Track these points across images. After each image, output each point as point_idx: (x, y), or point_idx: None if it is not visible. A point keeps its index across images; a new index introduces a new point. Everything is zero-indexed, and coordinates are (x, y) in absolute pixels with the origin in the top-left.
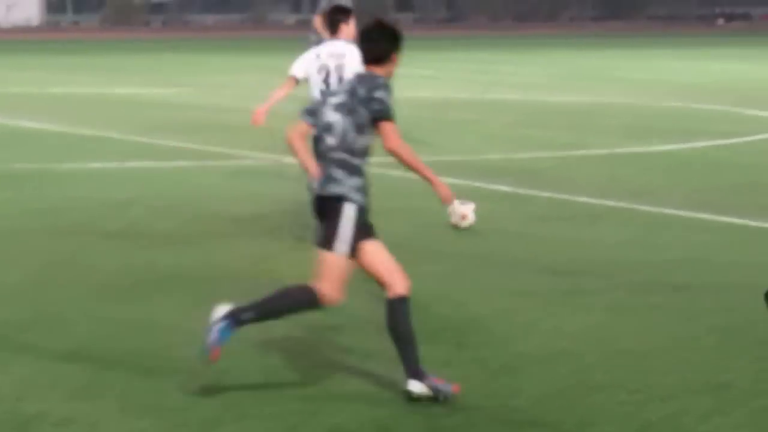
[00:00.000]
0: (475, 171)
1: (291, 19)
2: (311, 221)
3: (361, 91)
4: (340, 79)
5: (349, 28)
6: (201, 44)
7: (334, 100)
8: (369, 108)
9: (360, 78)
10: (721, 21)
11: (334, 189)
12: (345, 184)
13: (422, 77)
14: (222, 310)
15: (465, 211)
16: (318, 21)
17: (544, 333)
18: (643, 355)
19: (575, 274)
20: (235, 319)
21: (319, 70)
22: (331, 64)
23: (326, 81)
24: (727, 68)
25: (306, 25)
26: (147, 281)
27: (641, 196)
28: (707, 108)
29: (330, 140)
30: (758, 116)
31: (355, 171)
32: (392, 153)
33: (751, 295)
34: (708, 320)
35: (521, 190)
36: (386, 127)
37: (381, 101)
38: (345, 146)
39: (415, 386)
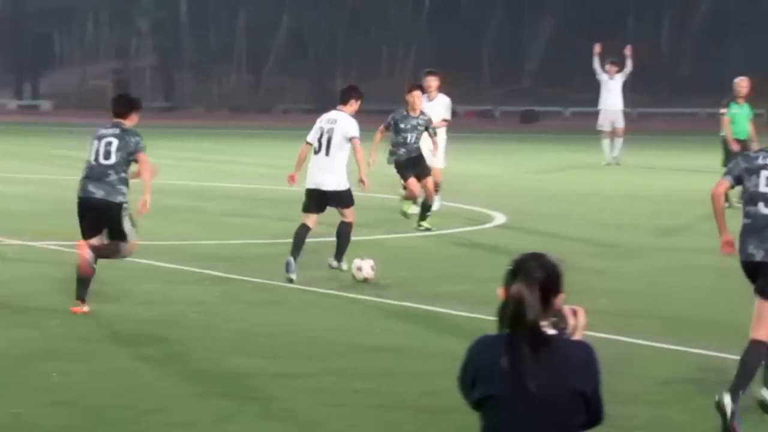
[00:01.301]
0: (188, 256)
1: (12, 104)
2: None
3: None
4: (329, 141)
5: (358, 104)
6: None
7: None
8: None
9: None
10: None
11: None
12: None
13: None
14: (726, 396)
15: (361, 264)
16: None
17: (251, 415)
18: None
19: (285, 358)
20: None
21: (317, 131)
22: (326, 127)
23: (320, 140)
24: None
25: (29, 109)
26: None
27: (351, 284)
28: None
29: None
30: (461, 208)
31: None
32: None
33: (451, 382)
34: (411, 405)
35: (233, 276)
36: None
37: None
38: None
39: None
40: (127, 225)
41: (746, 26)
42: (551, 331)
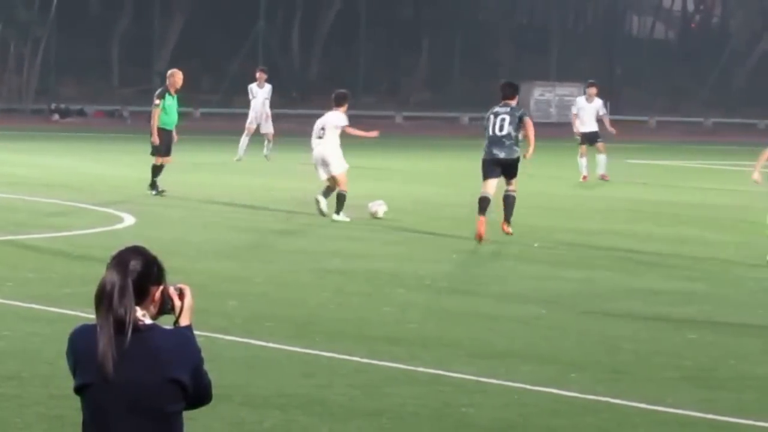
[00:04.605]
0: None
1: None
2: None
3: None
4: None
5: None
6: None
7: None
8: None
9: None
10: (57, 116)
11: None
12: None
13: None
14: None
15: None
16: None
17: None
18: None
19: None
20: None
21: None
22: None
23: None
24: (60, 163)
25: None
26: None
27: None
28: (41, 200)
29: None
30: (90, 210)
31: None
32: None
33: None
34: (37, 409)
35: None
36: None
37: None
38: None
39: None
40: None
41: (376, 27)
42: (148, 321)
